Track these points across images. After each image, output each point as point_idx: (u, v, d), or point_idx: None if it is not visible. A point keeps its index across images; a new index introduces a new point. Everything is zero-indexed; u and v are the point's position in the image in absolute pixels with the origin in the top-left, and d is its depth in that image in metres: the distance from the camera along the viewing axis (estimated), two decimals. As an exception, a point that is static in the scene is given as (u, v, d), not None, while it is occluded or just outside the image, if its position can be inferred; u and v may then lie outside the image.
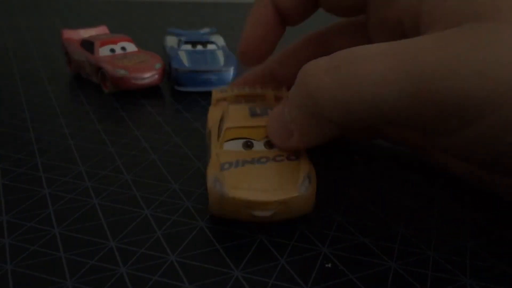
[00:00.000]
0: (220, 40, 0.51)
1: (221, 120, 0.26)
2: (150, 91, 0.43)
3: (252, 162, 0.22)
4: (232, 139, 0.23)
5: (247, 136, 0.23)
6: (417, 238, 0.22)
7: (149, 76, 0.42)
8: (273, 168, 0.22)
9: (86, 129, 0.34)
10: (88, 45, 0.45)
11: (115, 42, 0.45)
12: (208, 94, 0.43)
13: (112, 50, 0.44)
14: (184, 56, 0.44)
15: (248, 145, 0.23)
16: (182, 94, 0.43)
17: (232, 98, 0.29)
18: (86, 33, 0.51)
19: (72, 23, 0.79)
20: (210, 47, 0.47)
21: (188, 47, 0.46)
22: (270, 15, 0.26)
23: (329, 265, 0.20)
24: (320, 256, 0.21)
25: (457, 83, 0.16)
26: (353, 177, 0.28)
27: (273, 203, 0.20)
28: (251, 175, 0.21)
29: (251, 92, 0.29)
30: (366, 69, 0.17)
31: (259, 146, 0.23)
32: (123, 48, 0.45)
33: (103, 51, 0.44)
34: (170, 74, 0.45)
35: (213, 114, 0.28)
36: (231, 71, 0.43)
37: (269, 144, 0.23)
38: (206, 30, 0.53)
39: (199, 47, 0.47)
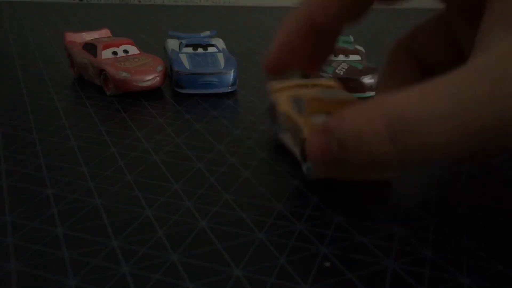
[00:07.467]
0: (220, 43, 0.51)
1: (298, 100, 0.29)
2: (152, 93, 0.44)
3: None
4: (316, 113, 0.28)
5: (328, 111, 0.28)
6: (415, 237, 0.22)
7: (150, 78, 0.42)
8: None
9: (89, 130, 0.35)
10: (90, 48, 0.45)
11: (117, 45, 0.45)
12: (209, 96, 0.43)
13: (115, 53, 0.45)
14: (185, 58, 0.45)
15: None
16: (183, 96, 0.43)
17: (289, 87, 0.34)
18: (88, 36, 0.51)
19: (75, 26, 0.79)
20: (211, 49, 0.47)
21: (189, 50, 0.47)
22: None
23: (328, 264, 0.20)
24: (319, 255, 0.21)
25: None
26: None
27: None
28: None
29: (304, 82, 0.34)
30: (431, 137, 0.17)
31: None
32: (125, 51, 0.46)
33: (106, 54, 0.44)
34: (171, 76, 0.45)
35: (283, 99, 0.32)
36: (231, 74, 0.43)
37: None
38: (206, 33, 0.54)
39: (200, 50, 0.47)
